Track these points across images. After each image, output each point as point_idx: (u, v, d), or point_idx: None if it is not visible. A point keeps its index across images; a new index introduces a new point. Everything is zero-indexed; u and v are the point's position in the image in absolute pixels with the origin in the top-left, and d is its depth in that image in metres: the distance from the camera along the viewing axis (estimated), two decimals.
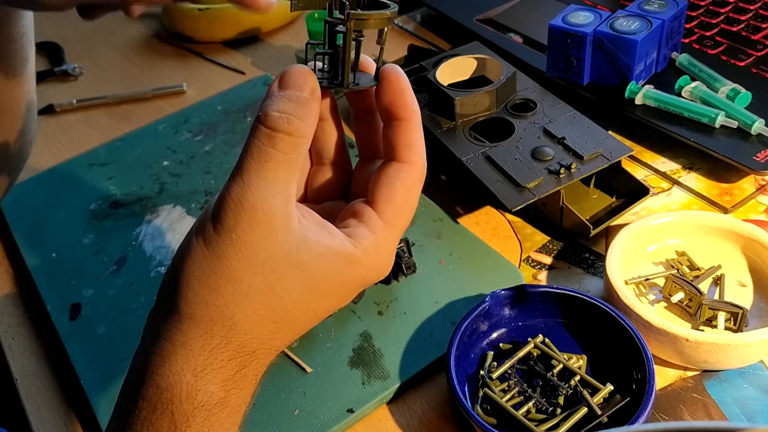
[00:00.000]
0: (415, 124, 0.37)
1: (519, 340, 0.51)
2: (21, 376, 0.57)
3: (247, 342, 0.34)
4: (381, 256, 0.37)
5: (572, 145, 0.59)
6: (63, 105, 0.86)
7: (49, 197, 0.72)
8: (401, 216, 0.37)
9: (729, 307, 0.49)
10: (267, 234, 0.33)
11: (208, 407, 0.33)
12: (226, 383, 0.34)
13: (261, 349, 0.35)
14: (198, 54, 0.94)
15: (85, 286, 0.61)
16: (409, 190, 0.37)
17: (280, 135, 0.33)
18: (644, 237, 0.55)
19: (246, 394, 0.35)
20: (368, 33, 0.37)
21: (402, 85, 0.37)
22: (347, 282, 0.36)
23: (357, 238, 0.36)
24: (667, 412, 0.47)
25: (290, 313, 0.35)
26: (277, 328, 0.35)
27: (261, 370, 0.36)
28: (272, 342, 0.35)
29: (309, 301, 0.35)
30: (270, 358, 0.36)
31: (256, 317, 0.34)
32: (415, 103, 0.37)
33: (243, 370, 0.34)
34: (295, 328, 0.36)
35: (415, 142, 0.37)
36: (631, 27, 0.64)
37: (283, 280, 0.34)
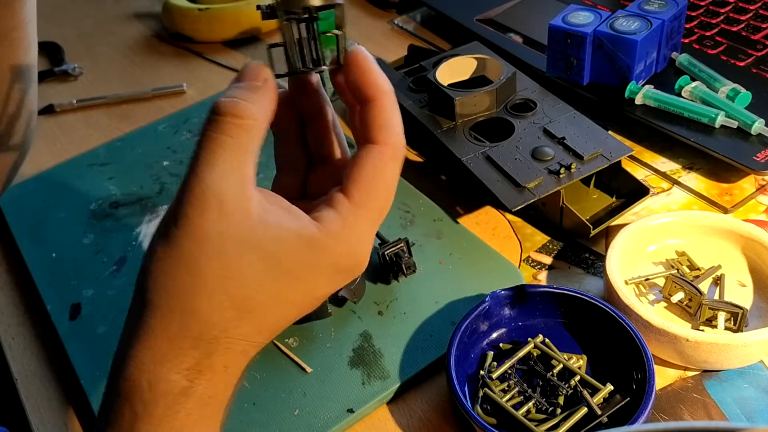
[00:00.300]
0: (384, 103, 0.36)
1: (519, 340, 0.51)
2: (21, 376, 0.57)
3: (207, 329, 0.33)
4: (350, 238, 0.35)
5: (572, 145, 0.59)
6: (63, 105, 0.86)
7: (49, 197, 0.72)
8: (371, 197, 0.35)
9: (729, 307, 0.49)
10: (220, 218, 0.33)
11: (170, 396, 0.33)
12: (190, 372, 0.33)
13: (225, 337, 0.34)
14: (198, 54, 0.94)
15: (85, 286, 0.61)
16: (378, 170, 0.35)
17: (227, 119, 0.34)
18: (644, 237, 0.55)
19: (216, 386, 0.34)
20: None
21: (365, 66, 0.36)
22: (313, 266, 0.34)
23: (322, 221, 0.35)
24: (667, 412, 0.47)
25: (253, 299, 0.34)
26: (239, 315, 0.34)
27: (234, 361, 0.34)
28: (238, 330, 0.34)
29: (272, 287, 0.34)
30: (242, 349, 0.34)
31: (215, 303, 0.33)
32: (384, 82, 0.36)
33: (207, 359, 0.33)
34: (264, 317, 0.34)
35: (385, 121, 0.36)
36: (631, 27, 0.64)
37: (240, 263, 0.33)
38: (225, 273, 0.33)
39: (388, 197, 0.36)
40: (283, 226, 0.34)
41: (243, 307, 0.34)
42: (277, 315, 0.35)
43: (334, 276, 0.36)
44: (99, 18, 1.06)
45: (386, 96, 0.36)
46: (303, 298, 0.36)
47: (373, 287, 0.57)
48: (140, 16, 1.05)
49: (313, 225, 0.34)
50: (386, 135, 0.36)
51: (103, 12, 1.08)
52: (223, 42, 0.95)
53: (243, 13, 0.92)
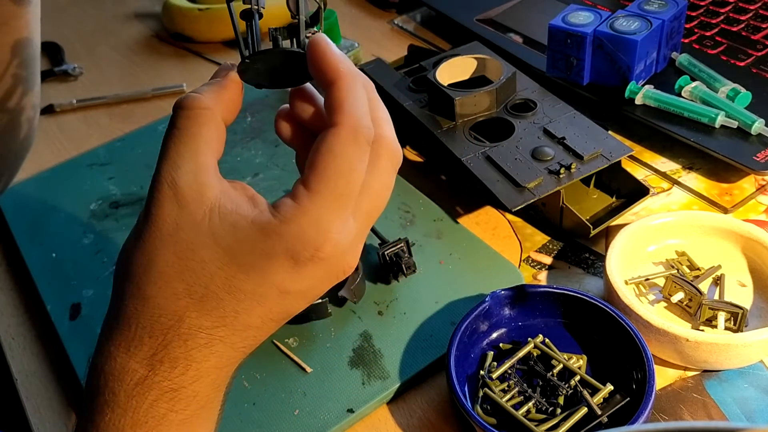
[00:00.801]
0: (343, 85, 0.35)
1: (519, 340, 0.51)
2: (21, 376, 0.57)
3: (162, 317, 0.33)
4: (302, 224, 0.33)
5: (572, 145, 0.59)
6: (63, 105, 0.86)
7: (49, 197, 0.72)
8: (327, 181, 0.33)
9: (729, 307, 0.49)
10: (175, 205, 0.34)
11: (131, 385, 0.33)
12: (149, 361, 0.33)
13: (181, 326, 0.33)
14: (198, 54, 0.94)
15: (85, 286, 0.61)
16: (333, 154, 0.33)
17: (178, 112, 0.35)
18: (644, 237, 0.55)
19: (180, 379, 0.34)
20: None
21: (322, 50, 0.35)
22: (265, 254, 0.33)
23: (278, 208, 0.34)
24: (667, 412, 0.47)
25: (207, 288, 0.33)
26: (193, 303, 0.33)
27: (199, 357, 0.34)
28: (194, 321, 0.33)
29: (227, 275, 0.33)
30: (205, 343, 0.34)
31: (170, 291, 0.33)
32: (343, 64, 0.35)
33: (165, 349, 0.33)
34: (218, 307, 0.34)
35: (342, 102, 0.34)
36: (631, 27, 0.64)
37: (195, 250, 0.33)
38: (181, 261, 0.33)
39: (349, 181, 0.34)
40: (239, 212, 0.34)
41: (197, 295, 0.33)
42: (234, 306, 0.34)
43: (294, 268, 0.34)
44: (99, 18, 1.06)
45: (343, 78, 0.35)
46: (258, 288, 0.34)
47: (373, 287, 0.57)
48: (140, 16, 1.05)
49: (268, 212, 0.34)
50: (341, 116, 0.34)
51: (103, 12, 1.08)
52: (223, 42, 0.95)
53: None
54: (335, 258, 0.34)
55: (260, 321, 0.35)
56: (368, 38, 0.90)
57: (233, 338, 0.34)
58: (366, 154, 0.35)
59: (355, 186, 0.34)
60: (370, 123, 0.35)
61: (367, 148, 0.35)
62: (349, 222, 0.35)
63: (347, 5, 0.99)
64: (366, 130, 0.34)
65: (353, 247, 0.35)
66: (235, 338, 0.35)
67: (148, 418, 0.33)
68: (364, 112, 0.35)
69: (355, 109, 0.34)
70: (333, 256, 0.34)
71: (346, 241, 0.35)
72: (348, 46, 0.80)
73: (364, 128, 0.34)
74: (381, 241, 0.59)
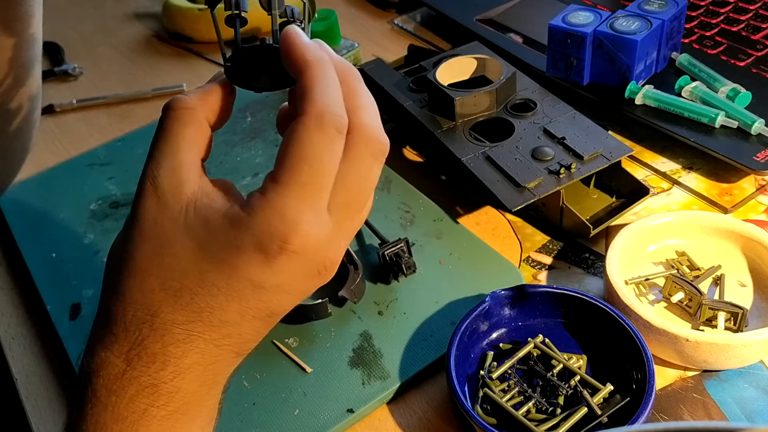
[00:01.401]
0: (309, 74, 0.34)
1: (519, 340, 0.51)
2: (21, 376, 0.57)
3: (138, 312, 0.34)
4: (268, 215, 0.33)
5: (572, 145, 0.59)
6: (63, 105, 0.86)
7: (49, 197, 0.72)
8: (291, 171, 0.33)
9: (729, 307, 0.49)
10: (155, 202, 0.34)
11: (111, 379, 0.33)
12: (127, 356, 0.33)
13: (156, 321, 0.33)
14: (198, 54, 0.94)
15: (85, 286, 0.61)
16: (298, 142, 0.33)
17: (165, 113, 0.36)
18: (644, 237, 0.55)
19: (159, 375, 0.33)
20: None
21: (290, 42, 0.35)
22: (233, 246, 0.33)
23: (247, 200, 0.34)
24: (667, 412, 0.47)
25: (181, 283, 0.33)
26: (167, 297, 0.33)
27: (178, 352, 0.34)
28: (169, 315, 0.33)
29: (199, 269, 0.33)
30: (183, 339, 0.34)
31: (146, 286, 0.34)
32: (311, 53, 0.34)
33: (141, 343, 0.33)
34: (192, 301, 0.34)
35: (309, 90, 0.34)
36: (631, 27, 0.64)
37: (170, 245, 0.34)
38: (157, 256, 0.34)
39: (315, 169, 0.33)
40: (212, 207, 0.34)
41: (171, 290, 0.34)
42: (208, 301, 0.34)
43: (265, 261, 0.33)
44: (99, 18, 1.06)
45: (310, 67, 0.34)
46: (231, 282, 0.33)
47: (373, 287, 0.57)
48: (140, 16, 1.05)
49: (238, 205, 0.34)
50: (305, 103, 0.33)
51: (103, 12, 1.08)
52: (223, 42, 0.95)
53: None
54: (310, 251, 0.34)
55: (239, 317, 0.34)
56: (368, 38, 0.90)
57: (212, 334, 0.34)
58: (335, 142, 0.33)
59: (323, 175, 0.33)
60: (341, 111, 0.34)
61: (337, 136, 0.34)
62: (322, 214, 0.34)
63: (347, 5, 0.99)
64: (333, 117, 0.33)
65: (332, 241, 0.34)
66: (215, 334, 0.34)
67: (128, 412, 0.33)
68: (332, 100, 0.34)
69: (321, 96, 0.33)
70: (305, 250, 0.33)
71: (320, 233, 0.34)
72: (348, 46, 0.80)
73: (331, 115, 0.33)
74: (381, 241, 0.59)
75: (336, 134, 0.33)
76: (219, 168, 0.72)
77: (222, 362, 0.36)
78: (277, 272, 0.34)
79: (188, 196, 0.34)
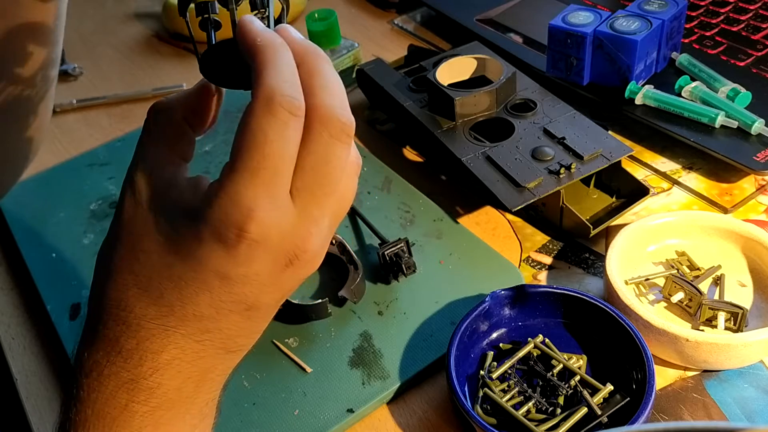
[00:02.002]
0: (261, 58, 0.33)
1: (519, 340, 0.51)
2: (21, 376, 0.57)
3: (113, 308, 0.34)
4: (225, 204, 0.32)
5: (572, 145, 0.59)
6: (63, 105, 0.86)
7: (49, 197, 0.72)
8: (241, 157, 0.32)
9: (729, 307, 0.49)
10: (131, 201, 0.35)
11: (93, 376, 0.34)
12: (107, 352, 0.34)
13: (132, 317, 0.33)
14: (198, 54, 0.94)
15: (85, 286, 0.61)
16: (249, 127, 0.32)
17: (147, 116, 0.37)
18: (644, 237, 0.55)
19: (135, 369, 0.33)
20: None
21: (242, 30, 0.34)
22: (198, 239, 0.33)
23: (206, 191, 0.34)
24: (667, 412, 0.47)
25: (150, 278, 0.34)
26: (141, 293, 0.34)
27: (151, 345, 0.33)
28: (143, 310, 0.33)
29: (167, 263, 0.33)
30: (161, 334, 0.34)
31: (120, 283, 0.34)
32: (263, 37, 0.34)
33: (118, 341, 0.34)
34: (162, 296, 0.33)
35: (258, 74, 0.33)
36: (631, 27, 0.64)
37: (142, 241, 0.34)
38: (131, 252, 0.34)
39: (266, 154, 0.32)
40: (179, 202, 0.34)
41: (143, 285, 0.34)
42: (178, 294, 0.33)
43: (226, 250, 0.32)
44: (99, 18, 1.06)
45: (260, 51, 0.33)
46: (196, 274, 0.33)
47: (373, 287, 0.57)
48: (140, 16, 1.05)
49: (198, 197, 0.34)
50: (256, 87, 0.33)
51: (103, 12, 1.08)
52: None
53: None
54: (272, 239, 0.33)
55: (213, 310, 0.34)
56: (368, 38, 0.90)
57: (187, 329, 0.34)
58: (288, 125, 0.32)
59: (277, 159, 0.32)
60: (293, 92, 0.32)
61: (291, 118, 0.32)
62: (280, 200, 0.32)
63: (347, 5, 0.99)
64: (283, 98, 0.32)
65: (299, 228, 0.33)
66: (190, 329, 0.34)
67: (109, 408, 0.34)
68: (282, 81, 0.32)
69: (269, 79, 0.32)
70: (267, 237, 0.32)
71: (281, 220, 0.33)
72: (348, 46, 0.80)
73: (280, 96, 0.32)
74: (381, 241, 0.59)
75: (288, 116, 0.32)
76: (218, 168, 0.71)
77: (207, 359, 0.35)
78: (241, 262, 0.33)
79: (159, 194, 0.35)
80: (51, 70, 0.60)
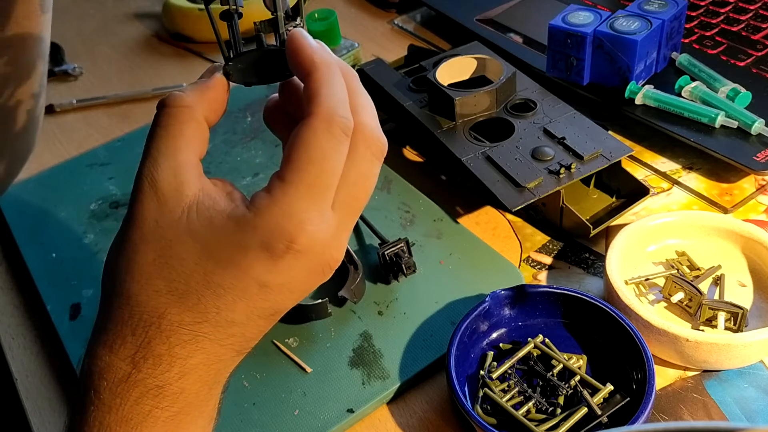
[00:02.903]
0: (317, 77, 0.34)
1: (519, 340, 0.51)
2: (21, 376, 0.57)
3: (145, 314, 0.33)
4: (275, 214, 0.33)
5: (572, 145, 0.59)
6: (63, 105, 0.86)
7: (49, 197, 0.72)
8: (299, 171, 0.33)
9: (729, 307, 0.49)
10: (155, 203, 0.34)
11: (116, 382, 0.33)
12: (133, 359, 0.33)
13: (163, 323, 0.33)
14: (198, 54, 0.94)
15: (85, 286, 0.61)
16: (306, 143, 0.33)
17: (162, 111, 0.36)
18: (644, 237, 0.55)
19: (164, 376, 0.33)
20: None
21: (297, 44, 0.35)
22: (241, 247, 0.33)
23: (252, 200, 0.34)
24: (667, 412, 0.47)
25: (187, 285, 0.33)
26: (174, 299, 0.33)
27: (184, 353, 0.34)
28: (176, 317, 0.33)
29: (205, 271, 0.33)
30: (189, 339, 0.34)
31: (151, 288, 0.34)
32: (319, 55, 0.35)
33: (148, 345, 0.33)
34: (199, 302, 0.34)
35: (316, 93, 0.34)
36: (631, 27, 0.64)
37: (174, 247, 0.33)
38: (161, 258, 0.34)
39: (323, 170, 0.33)
40: (215, 208, 0.34)
41: (177, 292, 0.33)
42: (215, 302, 0.34)
43: (271, 260, 0.33)
44: (99, 18, 1.06)
45: (318, 69, 0.35)
46: (237, 282, 0.34)
47: (373, 287, 0.57)
48: (140, 16, 1.05)
49: (243, 205, 0.34)
50: (313, 105, 0.34)
51: (103, 12, 1.08)
52: None
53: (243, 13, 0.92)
54: (315, 251, 0.34)
55: (244, 317, 0.35)
56: (368, 38, 0.90)
57: (218, 334, 0.34)
58: (342, 143, 0.34)
59: (330, 176, 0.34)
60: (347, 113, 0.34)
61: (344, 138, 0.34)
62: (327, 213, 0.34)
63: (347, 5, 0.99)
64: (341, 119, 0.34)
65: (335, 239, 0.35)
66: (220, 334, 0.34)
67: (132, 414, 0.33)
68: (339, 101, 0.34)
69: (328, 99, 0.34)
70: (311, 249, 0.34)
71: (326, 233, 0.34)
72: (348, 46, 0.80)
73: (339, 117, 0.34)
74: (381, 241, 0.59)
75: (343, 136, 0.34)
76: (219, 168, 0.72)
77: (224, 361, 0.36)
78: (283, 271, 0.34)
79: (190, 198, 0.34)
80: (40, 65, 0.60)
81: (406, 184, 0.66)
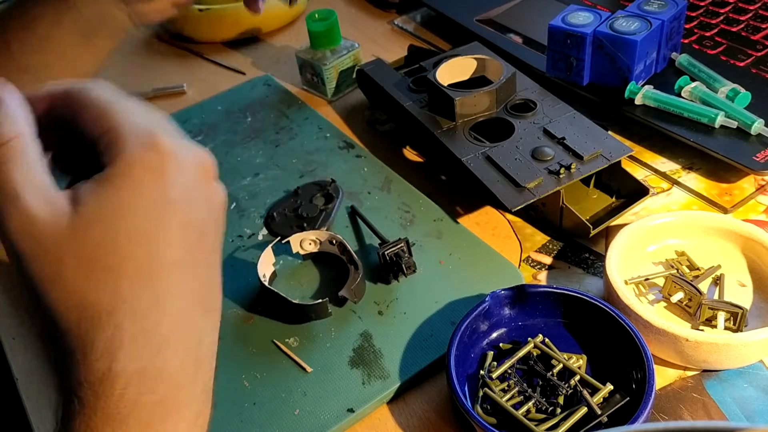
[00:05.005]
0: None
1: (519, 340, 0.51)
2: (21, 376, 0.57)
3: (91, 314, 0.34)
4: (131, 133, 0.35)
5: (572, 145, 0.59)
6: None
7: None
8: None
9: (729, 307, 0.49)
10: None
11: (95, 383, 0.33)
12: (109, 351, 0.33)
13: (110, 314, 0.33)
14: (198, 54, 0.94)
15: None
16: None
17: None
18: (644, 237, 0.55)
19: (142, 350, 0.33)
20: None
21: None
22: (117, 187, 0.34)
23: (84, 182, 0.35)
24: (667, 412, 0.47)
25: (105, 261, 0.34)
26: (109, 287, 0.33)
27: (144, 322, 0.34)
28: (115, 296, 0.33)
29: (115, 244, 0.34)
30: (145, 305, 0.33)
31: (78, 292, 0.33)
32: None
33: (120, 327, 0.33)
34: (124, 265, 0.33)
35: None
36: (631, 27, 0.64)
37: (67, 249, 0.33)
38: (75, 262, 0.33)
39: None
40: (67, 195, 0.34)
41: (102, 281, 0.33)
42: (136, 255, 0.33)
43: (154, 177, 0.34)
44: None
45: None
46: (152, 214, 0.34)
47: (373, 287, 0.57)
48: None
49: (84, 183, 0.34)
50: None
51: None
52: (223, 42, 0.95)
53: (243, 13, 0.92)
54: (180, 152, 0.36)
55: (176, 250, 0.34)
56: (368, 38, 0.90)
57: (165, 283, 0.34)
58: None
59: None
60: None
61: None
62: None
63: (347, 5, 0.99)
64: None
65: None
66: (166, 282, 0.34)
67: (120, 407, 0.33)
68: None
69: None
70: (170, 150, 0.35)
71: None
72: (348, 47, 0.80)
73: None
74: (381, 241, 0.59)
75: None
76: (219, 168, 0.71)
77: (195, 322, 0.35)
78: (171, 185, 0.35)
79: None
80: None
81: (406, 184, 0.66)
